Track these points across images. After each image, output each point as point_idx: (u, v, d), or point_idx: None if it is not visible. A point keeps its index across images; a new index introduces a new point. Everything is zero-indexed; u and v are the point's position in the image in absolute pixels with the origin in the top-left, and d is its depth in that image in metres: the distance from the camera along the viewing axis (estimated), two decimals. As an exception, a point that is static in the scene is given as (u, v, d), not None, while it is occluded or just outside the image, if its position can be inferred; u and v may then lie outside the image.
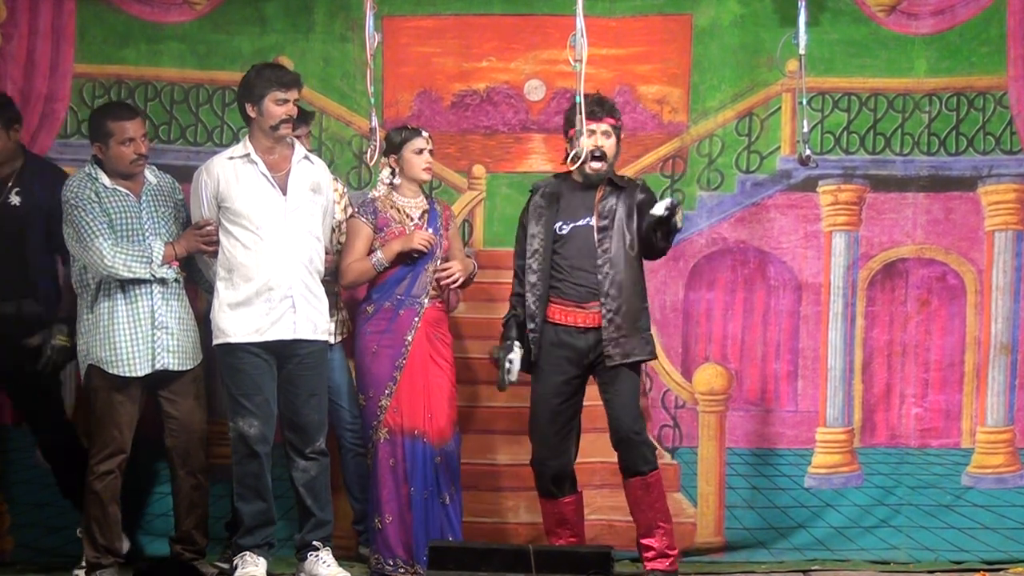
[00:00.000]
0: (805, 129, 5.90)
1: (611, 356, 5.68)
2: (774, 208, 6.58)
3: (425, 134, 6.09)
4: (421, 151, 6.06)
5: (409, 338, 5.98)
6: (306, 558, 5.83)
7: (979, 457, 6.53)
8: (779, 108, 6.60)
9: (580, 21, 5.45)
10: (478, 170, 6.58)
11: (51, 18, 6.53)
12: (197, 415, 5.90)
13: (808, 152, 5.91)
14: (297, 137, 6.05)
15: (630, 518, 5.89)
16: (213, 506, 6.09)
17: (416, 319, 5.99)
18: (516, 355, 5.74)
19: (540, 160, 6.62)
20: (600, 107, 5.78)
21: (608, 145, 5.79)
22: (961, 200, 6.57)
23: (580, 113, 5.55)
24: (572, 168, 5.73)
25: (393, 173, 6.08)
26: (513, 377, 5.75)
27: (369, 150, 5.97)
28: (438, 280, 6.03)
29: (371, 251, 6.01)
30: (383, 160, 6.09)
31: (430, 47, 6.62)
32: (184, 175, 6.14)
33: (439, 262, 6.04)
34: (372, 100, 5.97)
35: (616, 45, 6.56)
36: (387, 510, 5.95)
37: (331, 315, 6.08)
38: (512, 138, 6.62)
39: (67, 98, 6.53)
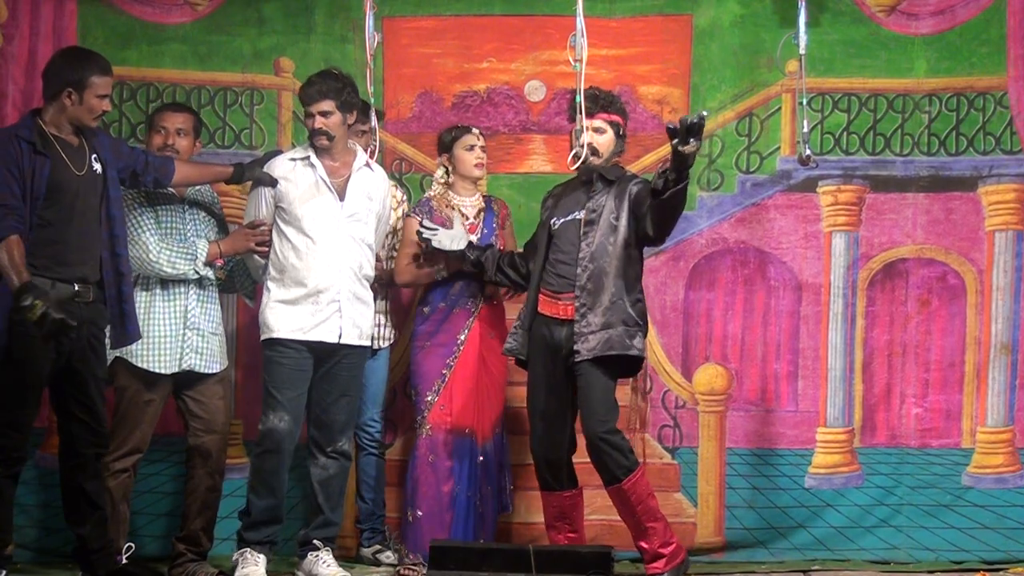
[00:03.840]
0: (805, 129, 5.90)
1: (578, 351, 5.59)
2: (774, 208, 6.59)
3: (476, 131, 6.16)
4: (472, 147, 6.12)
5: (462, 337, 6.04)
6: (306, 556, 5.84)
7: (979, 457, 6.54)
8: (779, 108, 6.61)
9: (580, 21, 5.46)
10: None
11: (52, 19, 6.54)
12: (222, 417, 5.89)
13: (808, 152, 5.91)
14: (364, 132, 6.08)
15: (630, 518, 5.89)
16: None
17: (470, 318, 6.06)
18: (442, 231, 5.90)
19: (541, 161, 6.63)
20: (593, 103, 5.67)
21: (600, 141, 5.70)
22: (961, 200, 6.58)
23: (580, 113, 5.55)
24: (572, 167, 5.73)
25: (447, 172, 6.16)
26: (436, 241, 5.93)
27: (369, 151, 5.97)
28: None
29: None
30: (437, 160, 6.20)
31: (430, 48, 6.63)
32: (185, 176, 6.17)
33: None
34: (372, 101, 5.98)
35: (616, 46, 6.57)
36: (421, 505, 5.99)
37: (386, 319, 6.21)
38: (513, 139, 6.63)
39: (69, 99, 6.54)
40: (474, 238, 6.10)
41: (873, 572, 6.26)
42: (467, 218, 6.14)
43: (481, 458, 6.04)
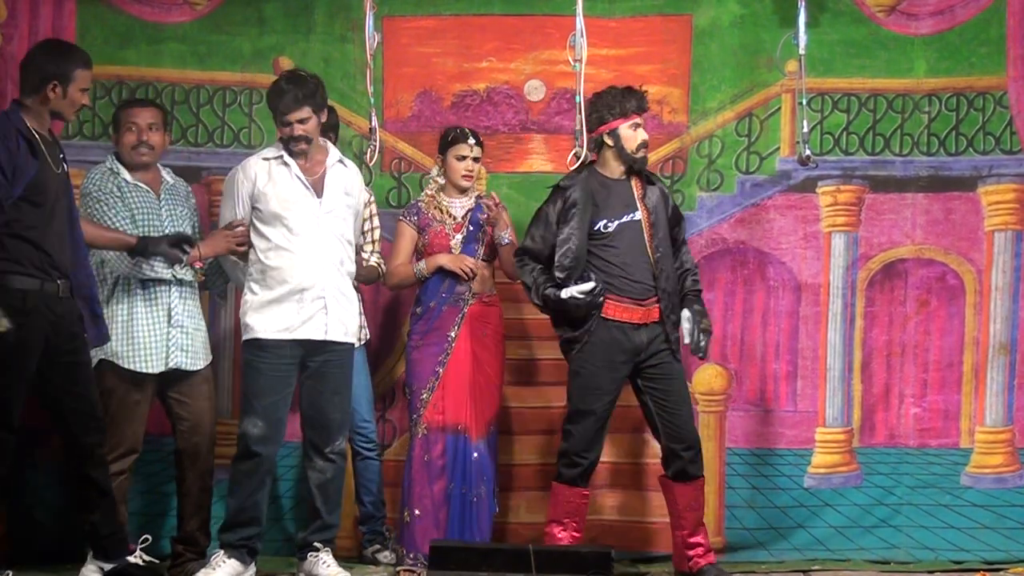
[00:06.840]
0: (805, 130, 5.91)
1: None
2: (773, 209, 6.59)
3: (472, 140, 6.10)
4: (463, 158, 6.09)
5: (452, 334, 6.03)
6: (306, 558, 5.83)
7: (978, 457, 6.54)
8: (779, 109, 6.61)
9: (580, 21, 5.47)
10: (479, 170, 6.58)
11: (52, 19, 6.53)
12: (208, 417, 5.88)
13: (808, 152, 5.91)
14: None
15: (630, 518, 5.96)
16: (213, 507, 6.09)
17: (460, 315, 6.04)
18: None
19: (540, 160, 6.62)
20: (640, 101, 5.79)
21: (645, 137, 5.80)
22: (961, 200, 6.58)
23: (580, 113, 5.55)
24: (571, 167, 5.71)
25: (440, 172, 6.17)
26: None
27: (369, 150, 5.97)
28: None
29: (416, 251, 6.10)
30: (437, 157, 6.17)
31: (430, 47, 6.63)
32: (186, 176, 6.16)
33: (481, 258, 6.10)
34: (372, 100, 5.97)
35: (616, 45, 6.57)
36: (416, 505, 5.98)
37: (360, 319, 6.16)
38: (512, 138, 6.63)
39: (68, 99, 6.53)
40: (460, 236, 6.10)
41: (873, 572, 6.27)
42: (455, 218, 6.14)
43: (475, 455, 6.03)
